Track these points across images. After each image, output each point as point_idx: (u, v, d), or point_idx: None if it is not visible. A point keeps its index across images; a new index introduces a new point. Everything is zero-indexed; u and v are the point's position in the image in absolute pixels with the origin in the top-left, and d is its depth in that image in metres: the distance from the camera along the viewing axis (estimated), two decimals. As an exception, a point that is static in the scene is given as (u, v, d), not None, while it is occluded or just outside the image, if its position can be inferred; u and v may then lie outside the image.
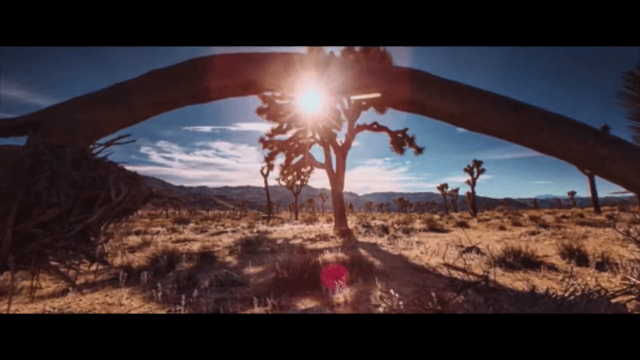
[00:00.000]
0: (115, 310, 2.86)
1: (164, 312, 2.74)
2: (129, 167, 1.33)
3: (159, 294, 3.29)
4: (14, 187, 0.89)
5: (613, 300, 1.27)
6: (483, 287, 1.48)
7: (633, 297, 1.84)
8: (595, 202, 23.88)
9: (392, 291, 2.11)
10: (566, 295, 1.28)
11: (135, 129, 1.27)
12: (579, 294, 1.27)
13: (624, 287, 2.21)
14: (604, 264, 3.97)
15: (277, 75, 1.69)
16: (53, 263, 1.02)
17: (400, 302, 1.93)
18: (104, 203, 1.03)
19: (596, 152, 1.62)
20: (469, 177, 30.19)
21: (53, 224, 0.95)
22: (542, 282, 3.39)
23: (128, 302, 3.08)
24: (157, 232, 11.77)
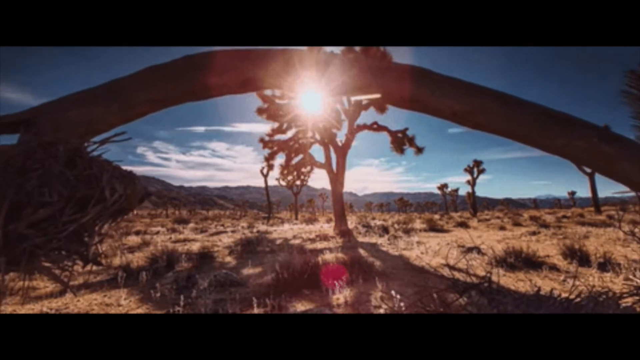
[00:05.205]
0: (113, 311, 2.83)
1: (162, 312, 2.71)
2: (125, 167, 1.30)
3: (158, 295, 3.26)
4: (4, 186, 0.86)
5: (622, 303, 1.24)
6: (486, 289, 1.46)
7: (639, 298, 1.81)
8: (596, 202, 23.82)
9: (393, 292, 2.08)
10: (572, 297, 1.25)
11: (129, 130, 1.25)
12: (585, 295, 1.25)
13: (631, 288, 2.18)
14: (606, 264, 3.94)
15: (277, 74, 1.66)
16: (45, 264, 0.99)
17: (402, 304, 1.91)
18: (98, 202, 1.00)
19: (601, 151, 1.59)
20: (469, 177, 30.14)
21: (45, 224, 0.92)
22: (544, 283, 3.36)
23: (126, 303, 3.05)
24: (157, 232, 11.75)
